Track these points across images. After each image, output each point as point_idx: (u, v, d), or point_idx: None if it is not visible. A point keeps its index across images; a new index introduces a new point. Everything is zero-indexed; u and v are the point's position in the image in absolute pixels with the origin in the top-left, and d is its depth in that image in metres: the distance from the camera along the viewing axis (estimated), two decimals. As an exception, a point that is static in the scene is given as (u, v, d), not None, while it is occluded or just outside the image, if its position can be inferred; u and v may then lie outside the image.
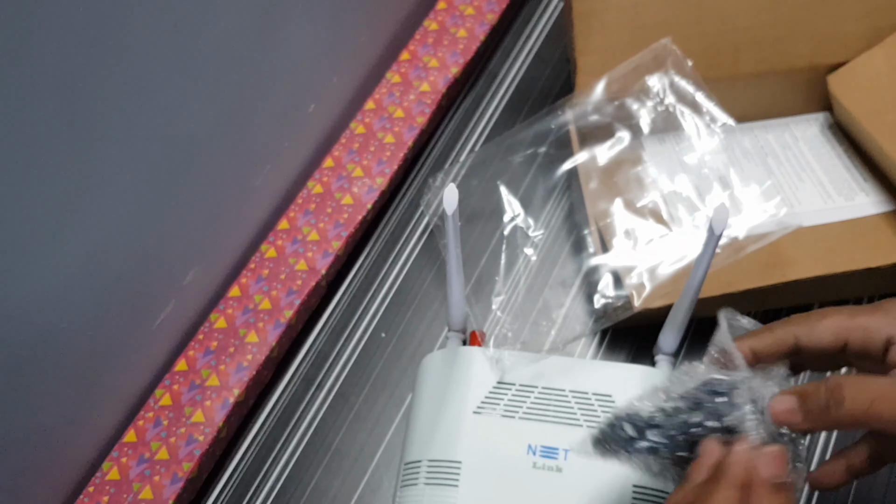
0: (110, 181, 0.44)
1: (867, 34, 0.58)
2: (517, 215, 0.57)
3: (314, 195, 0.60)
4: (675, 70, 0.56)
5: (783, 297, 0.54)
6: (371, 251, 0.61)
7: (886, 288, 0.55)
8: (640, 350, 0.54)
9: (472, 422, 0.46)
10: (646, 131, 0.57)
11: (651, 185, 0.56)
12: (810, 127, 0.61)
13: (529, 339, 0.55)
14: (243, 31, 0.50)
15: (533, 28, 0.72)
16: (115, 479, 0.49)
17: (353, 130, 0.64)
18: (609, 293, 0.52)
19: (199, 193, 0.52)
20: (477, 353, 0.48)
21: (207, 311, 0.56)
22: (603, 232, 0.54)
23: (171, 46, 0.45)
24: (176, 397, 0.52)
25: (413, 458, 0.46)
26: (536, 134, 0.59)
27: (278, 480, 0.52)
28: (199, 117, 0.49)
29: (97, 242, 0.44)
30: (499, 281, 0.56)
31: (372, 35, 0.66)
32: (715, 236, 0.42)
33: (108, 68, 0.41)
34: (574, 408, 0.46)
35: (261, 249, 0.58)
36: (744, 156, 0.58)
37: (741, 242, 0.51)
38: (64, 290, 0.43)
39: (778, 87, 0.60)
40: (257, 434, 0.54)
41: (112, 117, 0.42)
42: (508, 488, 0.44)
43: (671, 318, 0.48)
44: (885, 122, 0.55)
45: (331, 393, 0.55)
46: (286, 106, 0.58)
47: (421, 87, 0.65)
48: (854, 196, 0.56)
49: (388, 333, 0.57)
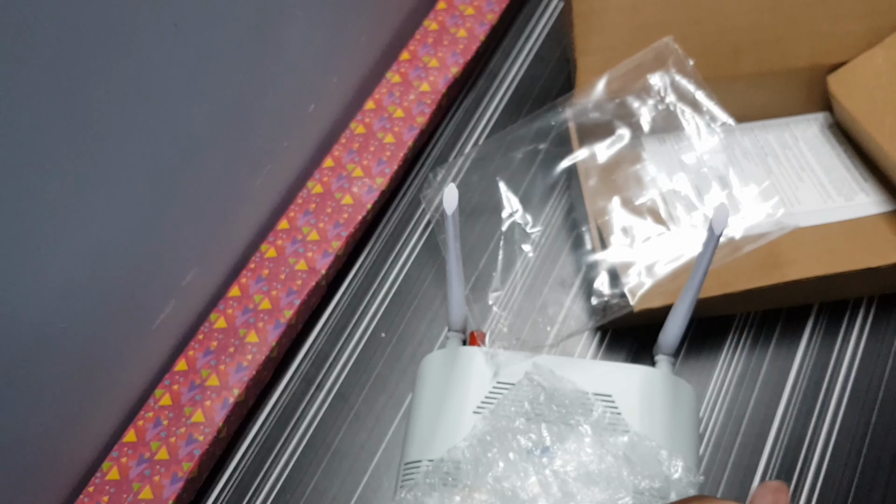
0: (110, 181, 0.44)
1: (867, 34, 0.58)
2: (515, 211, 0.57)
3: (314, 195, 0.60)
4: (676, 69, 0.56)
5: (783, 297, 0.54)
6: (371, 251, 0.61)
7: (886, 288, 0.55)
8: (640, 350, 0.54)
9: (472, 422, 0.46)
10: (646, 130, 0.57)
11: (650, 184, 0.56)
12: (810, 127, 0.61)
13: (528, 336, 0.55)
14: (243, 32, 0.50)
15: (533, 28, 0.72)
16: (114, 479, 0.49)
17: (353, 130, 0.64)
18: (606, 291, 0.52)
19: (199, 193, 0.52)
20: (477, 354, 0.48)
21: (207, 311, 0.56)
22: (601, 229, 0.54)
23: (170, 46, 0.45)
24: (176, 397, 0.52)
25: (413, 458, 0.46)
26: (538, 130, 0.59)
27: (278, 480, 0.52)
28: (198, 117, 0.49)
29: (97, 242, 0.45)
30: (496, 277, 0.56)
31: (372, 35, 0.66)
32: (715, 236, 0.42)
33: (107, 68, 0.41)
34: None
35: (261, 249, 0.58)
36: (743, 155, 0.58)
37: (738, 242, 0.51)
38: (64, 290, 0.43)
39: (778, 87, 0.60)
40: (257, 434, 0.54)
41: (112, 117, 0.42)
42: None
43: (671, 318, 0.48)
44: (885, 122, 0.54)
45: (331, 393, 0.55)
46: (286, 106, 0.58)
47: (421, 87, 0.65)
48: (854, 196, 0.56)
49: (388, 333, 0.57)
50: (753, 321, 0.55)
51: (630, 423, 0.45)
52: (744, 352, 0.54)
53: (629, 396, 0.46)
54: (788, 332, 0.55)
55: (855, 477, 0.49)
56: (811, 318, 0.55)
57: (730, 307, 0.55)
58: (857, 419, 0.51)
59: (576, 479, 0.43)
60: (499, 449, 0.44)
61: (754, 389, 0.53)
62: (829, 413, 0.51)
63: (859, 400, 0.52)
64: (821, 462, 0.50)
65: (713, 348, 0.54)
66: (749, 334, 0.55)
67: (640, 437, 0.44)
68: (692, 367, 0.54)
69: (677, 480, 0.43)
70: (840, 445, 0.50)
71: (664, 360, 0.50)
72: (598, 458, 0.43)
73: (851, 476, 0.49)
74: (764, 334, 0.55)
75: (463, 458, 0.44)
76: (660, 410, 0.46)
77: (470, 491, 0.43)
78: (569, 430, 0.44)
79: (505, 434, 0.44)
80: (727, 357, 0.54)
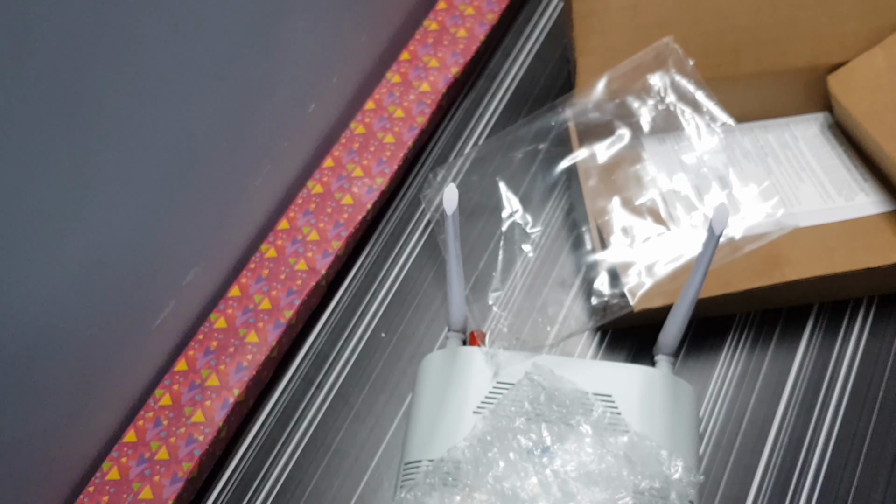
0: (110, 181, 0.44)
1: (867, 34, 0.58)
2: (515, 211, 0.57)
3: (314, 195, 0.60)
4: (676, 69, 0.56)
5: (783, 297, 0.54)
6: (371, 251, 0.61)
7: (886, 288, 0.55)
8: (640, 350, 0.54)
9: (472, 422, 0.46)
10: (646, 130, 0.58)
11: (650, 184, 0.56)
12: (810, 127, 0.61)
13: (528, 336, 0.55)
14: (243, 32, 0.50)
15: (533, 28, 0.72)
16: (115, 479, 0.49)
17: (353, 130, 0.64)
18: (606, 291, 0.52)
19: (199, 193, 0.52)
20: (477, 354, 0.48)
21: (207, 311, 0.56)
22: (601, 229, 0.54)
23: (171, 47, 0.45)
24: (176, 397, 0.52)
25: (413, 458, 0.46)
26: (538, 130, 0.59)
27: (278, 480, 0.52)
28: (199, 117, 0.49)
29: (97, 242, 0.45)
30: (496, 277, 0.56)
31: (372, 35, 0.66)
32: (715, 236, 0.42)
33: (108, 68, 0.41)
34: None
35: (261, 249, 0.58)
36: (743, 156, 0.58)
37: (738, 242, 0.51)
38: (64, 290, 0.43)
39: (778, 87, 0.60)
40: (257, 434, 0.54)
41: (112, 117, 0.42)
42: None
43: (671, 318, 0.48)
44: (885, 122, 0.55)
45: (331, 393, 0.55)
46: (286, 106, 0.58)
47: (421, 87, 0.65)
48: (854, 196, 0.56)
49: (388, 333, 0.57)
50: (753, 321, 0.55)
51: (630, 423, 0.45)
52: (744, 352, 0.54)
53: (629, 396, 0.46)
54: (788, 332, 0.55)
55: (855, 477, 0.49)
56: (811, 318, 0.55)
57: (730, 307, 0.55)
58: (857, 419, 0.51)
59: (576, 479, 0.43)
60: (499, 449, 0.44)
61: (754, 389, 0.53)
62: (829, 413, 0.51)
63: (859, 400, 0.52)
64: (821, 462, 0.50)
65: (713, 348, 0.54)
66: (749, 334, 0.55)
67: (640, 437, 0.44)
68: (692, 367, 0.54)
69: (677, 480, 0.43)
70: (840, 445, 0.50)
71: (664, 360, 0.50)
72: (598, 458, 0.43)
73: (851, 476, 0.49)
74: (764, 334, 0.55)
75: (463, 458, 0.44)
76: (660, 410, 0.46)
77: (470, 491, 0.43)
78: (569, 430, 0.44)
79: (505, 434, 0.44)
80: (727, 357, 0.54)
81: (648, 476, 0.43)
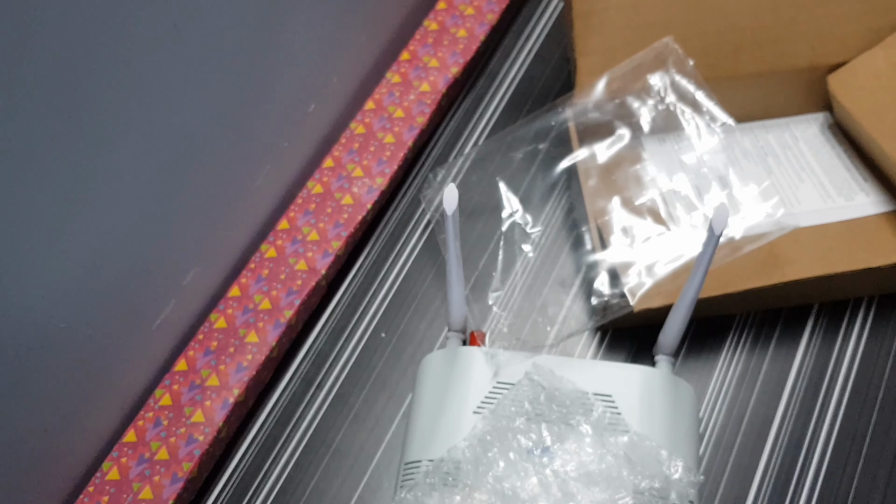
0: (110, 181, 0.44)
1: (867, 34, 0.58)
2: (515, 211, 0.57)
3: (314, 195, 0.60)
4: (676, 69, 0.56)
5: (783, 298, 0.54)
6: (371, 251, 0.61)
7: (886, 288, 0.55)
8: (640, 350, 0.54)
9: (472, 422, 0.46)
10: (646, 130, 0.58)
11: (650, 184, 0.56)
12: (810, 127, 0.61)
13: (528, 336, 0.55)
14: (243, 31, 0.50)
15: (533, 28, 0.72)
16: (114, 479, 0.49)
17: (353, 130, 0.64)
18: (606, 291, 0.52)
19: (199, 193, 0.52)
20: (477, 354, 0.48)
21: (207, 311, 0.56)
22: (601, 229, 0.54)
23: (170, 46, 0.45)
24: (176, 397, 0.52)
25: (413, 458, 0.46)
26: (538, 130, 0.59)
27: (278, 480, 0.52)
28: (198, 117, 0.49)
29: (97, 242, 0.45)
30: (496, 277, 0.56)
31: (372, 35, 0.66)
32: (715, 236, 0.42)
33: (107, 68, 0.41)
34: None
35: (261, 249, 0.58)
36: (743, 156, 0.58)
37: (738, 242, 0.51)
38: (64, 289, 0.43)
39: (778, 87, 0.60)
40: (257, 434, 0.54)
41: (112, 117, 0.42)
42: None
43: (671, 318, 0.48)
44: (885, 122, 0.55)
45: (331, 393, 0.55)
46: (286, 106, 0.58)
47: (421, 87, 0.65)
48: (854, 196, 0.56)
49: (388, 333, 0.57)
50: (753, 321, 0.55)
51: (630, 423, 0.45)
52: (744, 352, 0.54)
53: (629, 396, 0.46)
54: (788, 332, 0.55)
55: (855, 477, 0.49)
56: (811, 318, 0.55)
57: (730, 307, 0.55)
58: (857, 419, 0.51)
59: (576, 479, 0.43)
60: (499, 449, 0.44)
61: (754, 389, 0.53)
62: (829, 413, 0.51)
63: (859, 400, 0.52)
64: (821, 462, 0.50)
65: (713, 348, 0.54)
66: (749, 334, 0.55)
67: (640, 436, 0.44)
68: (692, 367, 0.54)
69: (677, 480, 0.43)
70: (840, 445, 0.50)
71: (664, 360, 0.50)
72: (598, 458, 0.43)
73: (851, 476, 0.49)
74: (764, 334, 0.55)
75: (463, 458, 0.44)
76: (660, 410, 0.46)
77: (470, 491, 0.43)
78: (569, 430, 0.44)
79: (505, 434, 0.44)
80: (727, 357, 0.54)
81: (648, 476, 0.43)
